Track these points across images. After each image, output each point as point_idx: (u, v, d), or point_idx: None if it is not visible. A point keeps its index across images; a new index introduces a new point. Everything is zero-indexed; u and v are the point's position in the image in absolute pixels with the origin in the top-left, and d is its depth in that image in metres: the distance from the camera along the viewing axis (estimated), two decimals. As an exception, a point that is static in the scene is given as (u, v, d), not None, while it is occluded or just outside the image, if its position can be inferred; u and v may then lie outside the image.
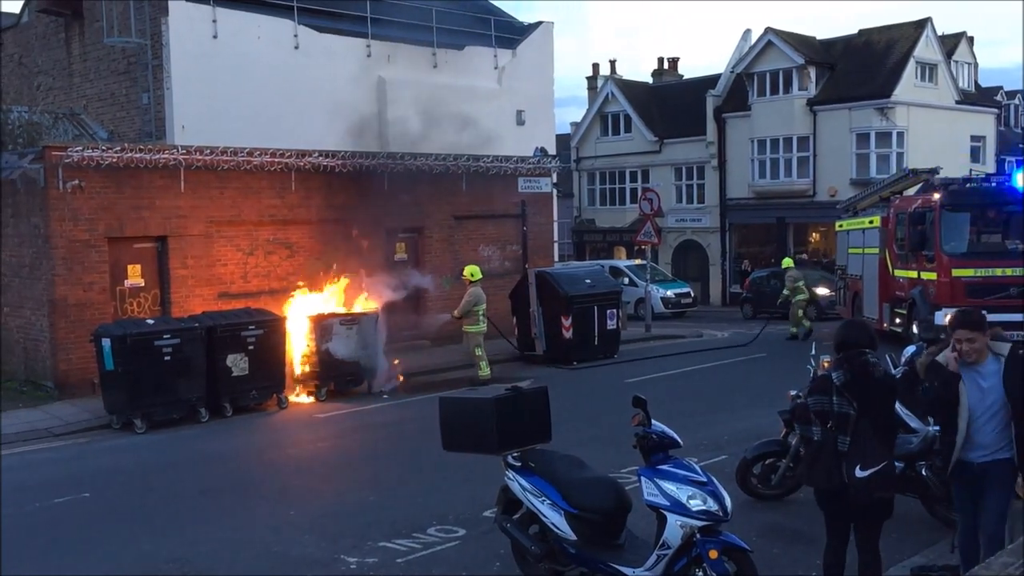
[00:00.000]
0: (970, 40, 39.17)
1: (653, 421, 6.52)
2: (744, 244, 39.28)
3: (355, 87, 23.52)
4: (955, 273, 17.96)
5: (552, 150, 27.11)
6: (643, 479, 6.39)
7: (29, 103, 24.72)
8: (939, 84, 35.76)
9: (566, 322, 19.56)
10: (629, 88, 43.09)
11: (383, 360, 17.10)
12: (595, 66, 47.47)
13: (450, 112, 22.45)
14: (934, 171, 20.88)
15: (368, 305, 17.51)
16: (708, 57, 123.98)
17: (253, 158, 18.59)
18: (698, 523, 6.10)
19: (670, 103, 41.61)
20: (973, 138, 37.18)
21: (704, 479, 6.27)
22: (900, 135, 33.92)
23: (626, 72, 58.88)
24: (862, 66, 35.09)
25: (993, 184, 19.42)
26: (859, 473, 5.85)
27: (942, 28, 36.57)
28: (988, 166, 35.71)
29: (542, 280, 20.10)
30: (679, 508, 6.14)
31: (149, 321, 15.26)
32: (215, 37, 21.58)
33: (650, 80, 46.05)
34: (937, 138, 33.33)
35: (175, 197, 17.77)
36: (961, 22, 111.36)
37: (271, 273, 19.09)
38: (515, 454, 7.09)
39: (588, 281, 20.75)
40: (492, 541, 7.97)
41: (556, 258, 27.26)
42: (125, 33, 21.57)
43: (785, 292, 23.66)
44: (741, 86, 37.29)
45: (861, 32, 37.12)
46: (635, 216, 35.16)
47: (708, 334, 25.71)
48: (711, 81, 39.72)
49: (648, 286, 26.97)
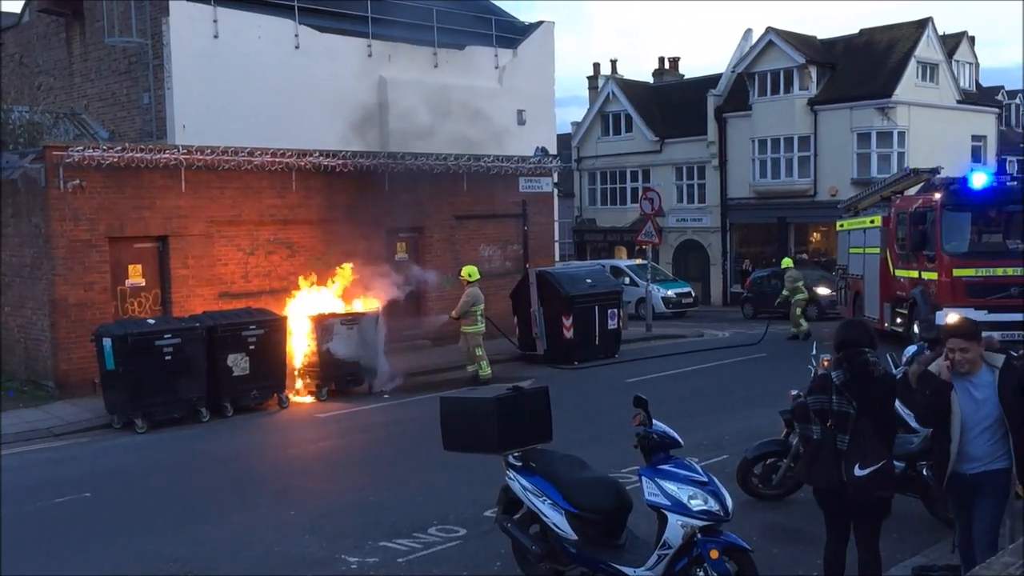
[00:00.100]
0: (971, 40, 39.14)
1: (654, 421, 6.52)
2: (745, 244, 39.27)
3: (356, 87, 23.54)
4: (956, 273, 17.95)
5: (553, 150, 27.12)
6: (644, 479, 6.39)
7: (30, 103, 24.74)
8: (940, 84, 35.75)
9: (567, 322, 19.56)
10: (630, 88, 43.09)
11: (384, 360, 17.10)
12: (596, 66, 47.51)
13: (455, 110, 22.45)
14: (935, 171, 20.86)
15: (369, 304, 17.51)
16: (709, 57, 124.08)
17: (254, 158, 18.60)
18: (699, 523, 6.10)
19: (671, 103, 41.62)
20: (974, 138, 37.17)
21: (705, 479, 6.28)
22: (901, 135, 33.91)
23: (627, 72, 59.02)
24: (863, 66, 35.06)
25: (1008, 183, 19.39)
26: (858, 472, 5.85)
27: (943, 28, 36.62)
28: (989, 166, 35.64)
29: (543, 280, 20.10)
30: (680, 508, 6.14)
31: (150, 321, 15.26)
32: (216, 37, 21.60)
33: (651, 80, 46.04)
34: (938, 138, 33.30)
35: (176, 197, 17.78)
36: (962, 22, 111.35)
37: (272, 273, 19.09)
38: (516, 454, 7.09)
39: (589, 281, 20.74)
40: (493, 541, 7.97)
41: (557, 258, 27.28)
42: (126, 33, 21.59)
43: (785, 292, 23.66)
44: (742, 86, 37.28)
45: (862, 32, 37.10)
46: (636, 216, 35.16)
47: (709, 334, 25.72)
48: (712, 81, 39.71)
49: (649, 286, 26.98)
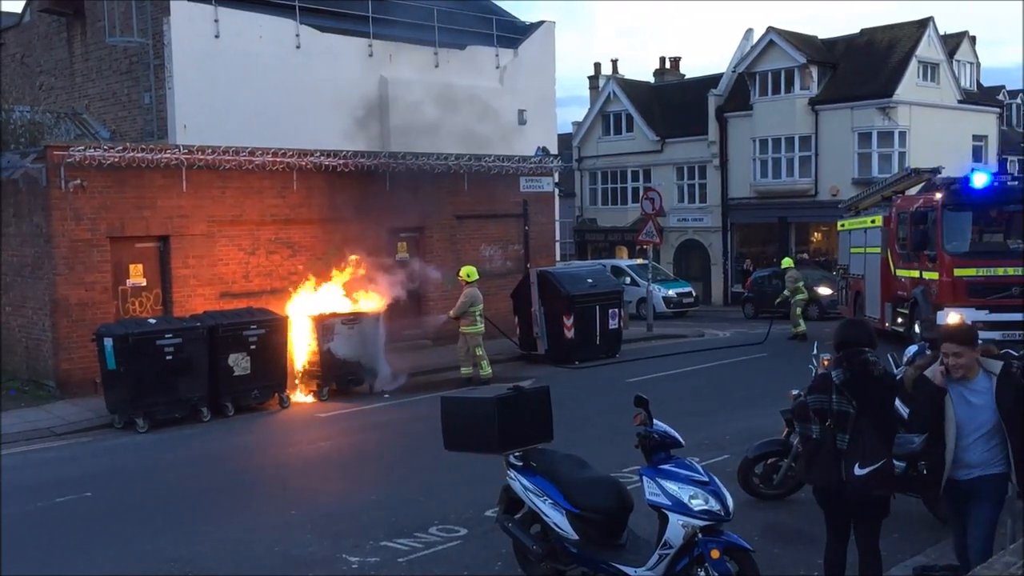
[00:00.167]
0: (972, 40, 39.09)
1: (655, 421, 6.52)
2: (746, 244, 39.25)
3: (357, 87, 23.54)
4: (957, 273, 17.95)
5: (554, 149, 27.13)
6: (645, 479, 6.39)
7: (31, 103, 24.75)
8: (941, 83, 35.72)
9: (568, 322, 19.56)
10: (631, 87, 43.06)
11: (384, 360, 17.10)
12: (597, 65, 47.48)
13: (462, 106, 22.44)
14: (936, 170, 20.85)
15: (370, 304, 17.50)
16: (710, 56, 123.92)
17: (255, 158, 18.60)
18: (700, 523, 6.10)
19: (672, 102, 41.59)
20: (975, 137, 37.14)
21: (706, 479, 6.28)
22: (902, 134, 33.88)
23: (628, 71, 59.06)
24: (864, 65, 35.04)
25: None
26: (858, 471, 5.85)
27: (944, 28, 36.56)
28: (989, 166, 35.63)
29: (544, 280, 20.10)
30: (681, 508, 6.14)
31: (151, 320, 15.26)
32: (217, 37, 21.61)
33: (652, 79, 46.01)
34: (939, 137, 33.27)
35: (177, 197, 17.79)
36: (963, 22, 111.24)
37: (273, 273, 19.09)
38: (517, 454, 7.09)
39: (590, 281, 20.74)
40: (494, 541, 7.97)
41: (558, 258, 27.28)
42: (127, 33, 21.60)
43: (785, 292, 23.65)
44: (743, 85, 37.25)
45: (863, 31, 37.07)
46: (637, 215, 35.14)
47: (710, 334, 25.72)
48: (713, 80, 39.69)
49: (650, 286, 26.98)
